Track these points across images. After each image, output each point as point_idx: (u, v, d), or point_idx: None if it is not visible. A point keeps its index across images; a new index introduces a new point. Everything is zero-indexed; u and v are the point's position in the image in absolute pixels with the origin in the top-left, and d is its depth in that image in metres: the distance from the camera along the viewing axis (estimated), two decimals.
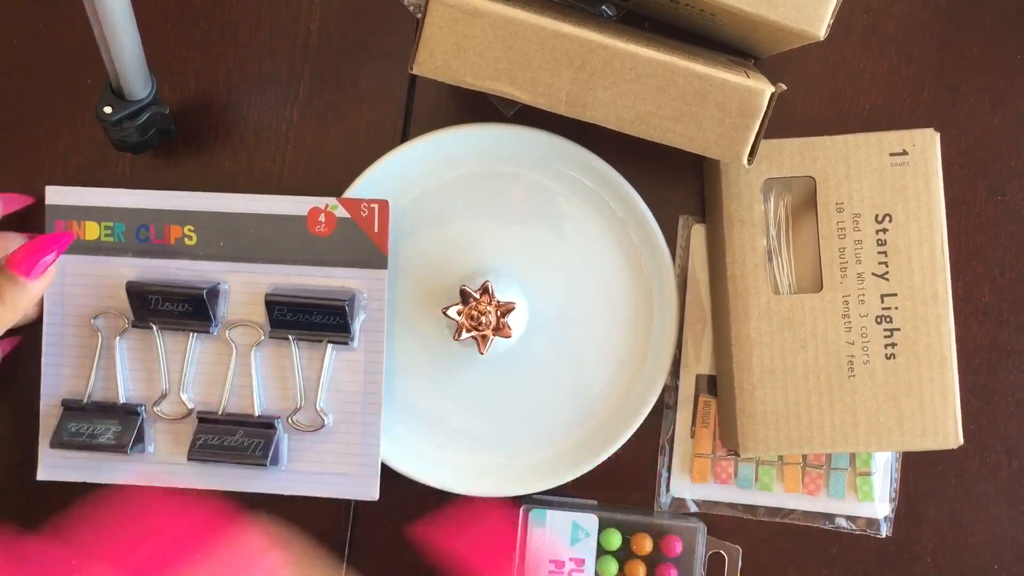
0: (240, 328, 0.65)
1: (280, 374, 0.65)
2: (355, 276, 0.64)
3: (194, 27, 0.69)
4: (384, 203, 0.64)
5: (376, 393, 0.65)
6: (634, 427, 0.65)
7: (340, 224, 0.64)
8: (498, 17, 0.54)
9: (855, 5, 0.69)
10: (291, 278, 0.65)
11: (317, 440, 0.65)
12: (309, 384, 0.65)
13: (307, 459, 0.65)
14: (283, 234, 0.64)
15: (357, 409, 0.65)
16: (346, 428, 0.65)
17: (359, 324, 0.65)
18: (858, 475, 0.67)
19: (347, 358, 0.65)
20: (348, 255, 0.64)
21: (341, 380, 0.65)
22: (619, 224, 0.67)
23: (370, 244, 0.64)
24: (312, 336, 0.64)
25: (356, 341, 0.65)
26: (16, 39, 0.69)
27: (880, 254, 0.62)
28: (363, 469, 0.65)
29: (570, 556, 0.67)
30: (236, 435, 0.64)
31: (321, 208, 0.64)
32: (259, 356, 0.65)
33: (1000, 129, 0.69)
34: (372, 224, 0.64)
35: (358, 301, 0.64)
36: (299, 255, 0.64)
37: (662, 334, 0.67)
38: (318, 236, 0.64)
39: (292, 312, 0.63)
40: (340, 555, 0.69)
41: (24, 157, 0.69)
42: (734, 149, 0.56)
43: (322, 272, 0.64)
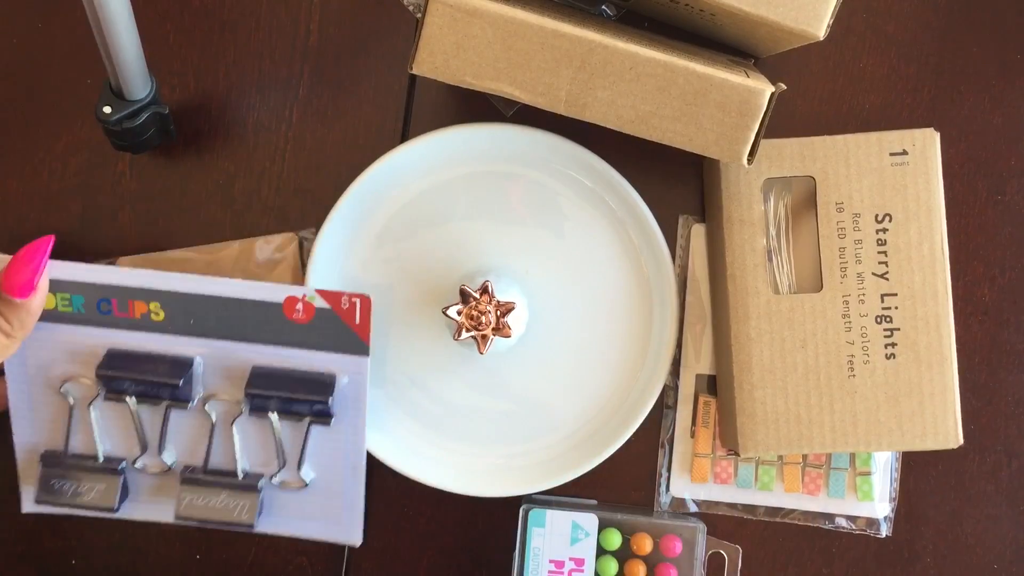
0: (219, 403, 0.62)
1: (263, 442, 0.63)
2: (336, 361, 0.61)
3: (194, 27, 0.69)
4: (366, 298, 0.60)
5: (358, 460, 0.63)
6: (634, 427, 0.65)
7: (319, 313, 0.61)
8: (498, 17, 0.54)
9: (855, 5, 0.69)
10: (269, 358, 0.61)
11: (301, 497, 0.63)
12: (292, 454, 0.63)
13: (290, 508, 0.64)
14: (258, 317, 0.61)
15: (341, 475, 0.63)
16: (329, 488, 0.63)
17: (340, 406, 0.62)
18: (858, 475, 0.67)
19: (328, 435, 0.63)
20: (328, 341, 0.61)
21: (323, 451, 0.63)
22: (619, 224, 0.67)
23: (351, 334, 0.61)
24: (293, 416, 0.62)
25: (338, 419, 0.62)
26: (16, 39, 0.69)
27: (880, 254, 0.62)
28: (347, 517, 0.64)
29: (570, 556, 0.67)
30: (221, 496, 0.62)
31: (298, 297, 0.60)
32: (239, 427, 0.62)
33: (1000, 129, 0.69)
34: (353, 316, 0.60)
35: (339, 386, 0.62)
36: (276, 337, 0.61)
37: (662, 334, 0.67)
38: (296, 322, 0.61)
39: (273, 389, 0.61)
40: (340, 555, 0.69)
41: (24, 157, 0.69)
42: (734, 149, 0.56)
43: (301, 354, 0.61)
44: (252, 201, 0.69)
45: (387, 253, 0.67)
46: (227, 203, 0.69)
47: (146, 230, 0.69)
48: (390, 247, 0.67)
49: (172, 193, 0.69)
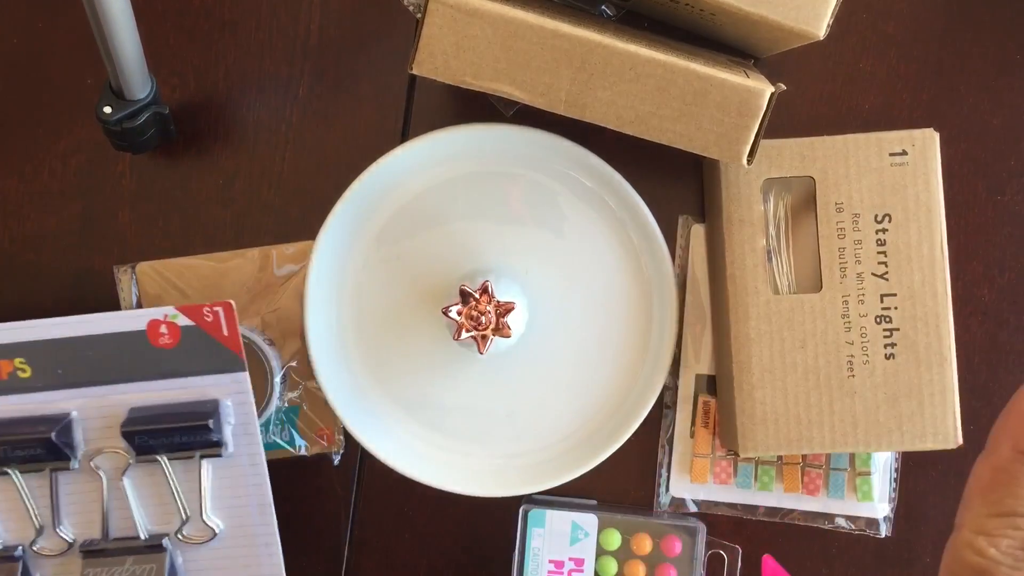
0: (105, 455, 0.60)
1: (158, 491, 0.60)
2: (214, 383, 0.59)
3: (194, 27, 0.69)
4: (227, 305, 0.59)
5: (263, 495, 0.61)
6: (634, 427, 0.65)
7: (185, 333, 0.59)
8: (498, 17, 0.54)
9: (855, 5, 0.69)
10: (145, 395, 0.59)
11: (212, 549, 0.61)
12: (191, 497, 0.60)
13: (206, 568, 0.61)
14: (125, 351, 0.59)
15: (248, 512, 0.61)
16: (241, 532, 0.61)
17: (230, 431, 0.60)
18: (858, 475, 0.67)
19: (225, 465, 0.60)
20: (201, 363, 0.59)
21: (223, 488, 0.61)
22: (619, 224, 0.67)
23: (222, 349, 0.59)
24: (183, 454, 0.60)
25: (230, 447, 0.60)
26: (16, 39, 0.69)
27: (880, 254, 0.62)
28: (266, 562, 0.61)
29: (570, 556, 0.67)
30: (126, 564, 0.59)
31: (160, 319, 0.59)
32: (131, 480, 0.60)
33: (1000, 129, 0.69)
34: (219, 328, 0.59)
35: (223, 408, 0.60)
36: (148, 370, 0.59)
37: (662, 334, 0.67)
38: (164, 348, 0.59)
39: (154, 437, 0.59)
40: (340, 555, 0.69)
41: (24, 157, 0.69)
42: (734, 149, 0.56)
43: (178, 384, 0.59)
44: (252, 201, 0.69)
45: (387, 253, 0.67)
46: (227, 203, 0.69)
47: (146, 230, 0.69)
48: (390, 247, 0.67)
49: (172, 193, 0.69)
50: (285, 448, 0.68)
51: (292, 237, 0.69)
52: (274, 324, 0.68)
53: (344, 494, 0.69)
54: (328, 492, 0.69)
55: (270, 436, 0.68)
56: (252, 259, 0.68)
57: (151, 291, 0.68)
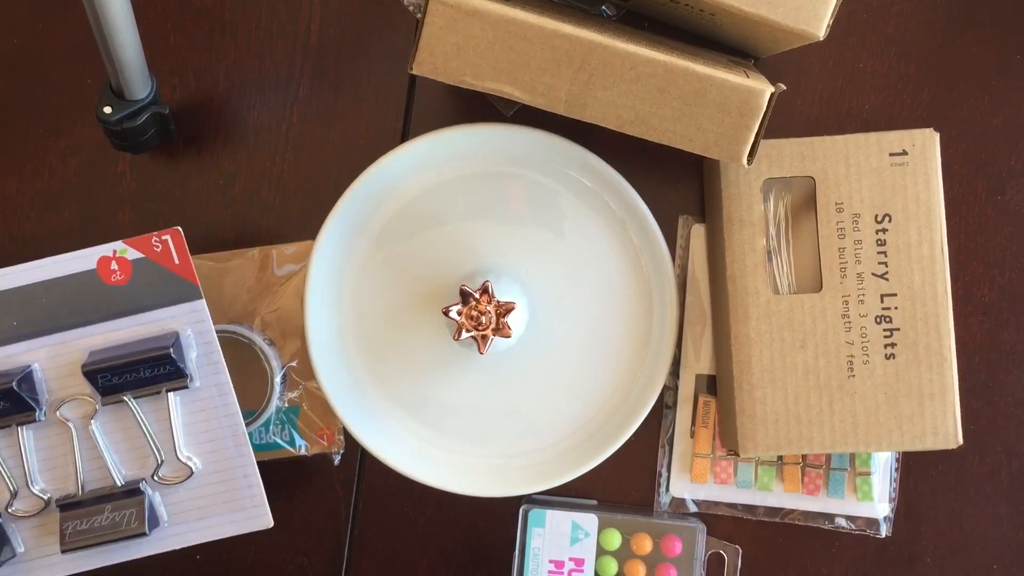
0: (70, 404, 0.60)
1: (129, 435, 0.60)
2: (172, 315, 0.59)
3: (194, 27, 0.69)
4: (175, 231, 0.58)
5: (235, 424, 0.60)
6: (634, 427, 0.65)
7: (136, 266, 0.58)
8: (498, 17, 0.54)
9: (855, 5, 0.69)
10: (104, 336, 0.59)
11: (191, 487, 0.60)
12: (163, 436, 0.60)
13: (187, 509, 0.61)
14: (79, 294, 0.58)
15: (222, 445, 0.60)
16: (217, 467, 0.60)
17: (193, 361, 0.60)
18: (858, 475, 0.67)
19: (193, 398, 0.60)
20: (156, 296, 0.59)
21: (195, 422, 0.60)
22: (619, 224, 0.67)
23: (175, 278, 0.59)
24: (148, 390, 0.59)
25: (196, 379, 0.60)
26: (16, 39, 0.69)
27: (880, 254, 0.62)
28: (248, 502, 0.61)
29: (570, 556, 0.67)
30: (104, 512, 0.59)
31: (110, 255, 0.58)
32: (100, 425, 0.60)
33: (1000, 129, 0.69)
34: (170, 257, 0.58)
35: (184, 339, 0.59)
36: (104, 310, 0.58)
37: (662, 334, 0.67)
38: (117, 285, 0.58)
39: (117, 375, 0.58)
40: (340, 555, 0.69)
41: (24, 157, 0.69)
42: (734, 149, 0.56)
43: (135, 321, 0.59)
44: (252, 201, 0.69)
45: (387, 253, 0.67)
46: (227, 203, 0.69)
47: (146, 230, 0.69)
48: (390, 247, 0.67)
49: (172, 193, 0.69)
50: (285, 448, 0.68)
51: (292, 237, 0.69)
52: (274, 324, 0.68)
53: (344, 494, 0.69)
54: (328, 492, 0.69)
55: (270, 436, 0.68)
56: (252, 259, 0.68)
57: None
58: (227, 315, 0.68)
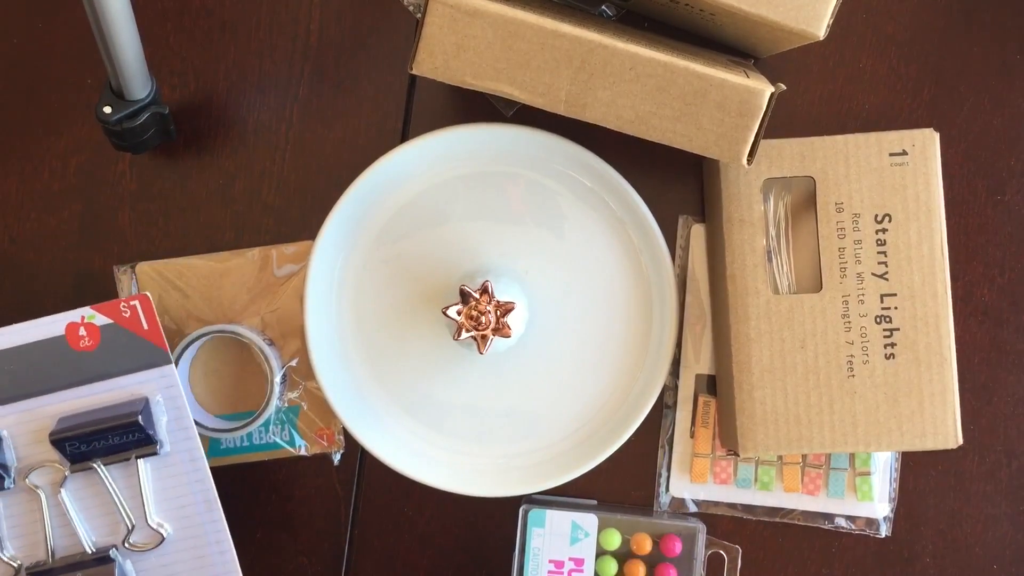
0: (39, 471, 0.59)
1: (100, 501, 0.59)
2: (142, 380, 0.58)
3: (194, 27, 0.69)
4: (144, 297, 0.58)
5: (207, 490, 0.60)
6: (634, 427, 0.65)
7: (104, 332, 0.58)
8: (498, 17, 0.54)
9: (855, 5, 0.69)
10: (73, 403, 0.58)
11: (163, 555, 0.60)
12: (134, 503, 0.59)
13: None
14: (47, 360, 0.58)
15: (193, 511, 0.60)
16: (189, 532, 0.60)
17: (164, 427, 0.59)
18: (858, 475, 0.67)
19: (164, 464, 0.59)
20: (126, 361, 0.58)
21: (166, 488, 0.59)
22: (619, 224, 0.67)
23: (144, 344, 0.58)
24: (118, 457, 0.58)
25: (166, 445, 0.60)
26: (16, 39, 0.69)
27: (880, 254, 0.62)
28: (221, 568, 0.60)
29: (570, 556, 0.67)
30: None
31: (78, 322, 0.58)
32: (70, 492, 0.59)
33: (1000, 129, 0.69)
34: (139, 323, 0.58)
35: (154, 405, 0.59)
36: (73, 376, 0.58)
37: (662, 334, 0.67)
38: (86, 351, 0.58)
39: (85, 442, 0.58)
40: (340, 555, 0.69)
41: (24, 157, 0.69)
42: (734, 149, 0.56)
43: (105, 387, 0.58)
44: (252, 201, 0.69)
45: (387, 253, 0.67)
46: (227, 203, 0.69)
47: (146, 230, 0.69)
48: (390, 247, 0.67)
49: (172, 193, 0.69)
50: (285, 448, 0.68)
51: (292, 237, 0.69)
52: (274, 324, 0.68)
53: (344, 494, 0.69)
54: (328, 492, 0.69)
55: (270, 436, 0.68)
56: (252, 259, 0.68)
57: (151, 291, 0.68)
58: (227, 315, 0.68)
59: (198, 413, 0.66)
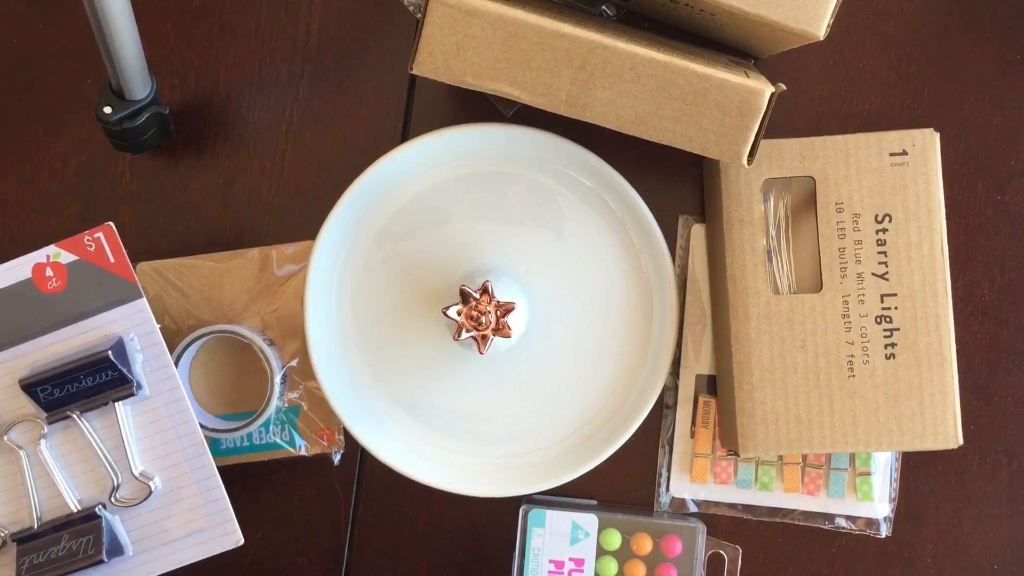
0: (17, 428, 0.57)
1: (82, 456, 0.57)
2: (114, 318, 0.56)
3: (194, 27, 0.69)
4: (108, 227, 0.56)
5: (193, 433, 0.57)
6: (634, 427, 0.65)
7: (71, 270, 0.56)
8: (498, 17, 0.54)
9: (855, 5, 0.69)
10: (46, 350, 0.56)
11: (153, 508, 0.58)
12: (117, 454, 0.57)
13: (151, 534, 0.57)
14: (17, 308, 0.56)
15: (181, 458, 0.57)
16: (178, 483, 0.57)
17: (140, 367, 0.57)
18: (858, 475, 0.67)
19: (144, 408, 0.57)
20: (95, 300, 0.56)
21: (149, 435, 0.57)
22: (619, 224, 0.67)
23: (112, 279, 0.56)
24: (94, 402, 0.56)
25: (145, 387, 0.57)
26: (16, 39, 0.69)
27: (880, 254, 0.62)
28: (215, 518, 0.58)
29: (570, 556, 0.67)
30: (61, 542, 0.56)
31: (44, 262, 0.56)
32: (50, 447, 0.57)
33: (1000, 129, 0.69)
34: (105, 256, 0.56)
35: (128, 343, 0.57)
36: (44, 323, 0.56)
37: (662, 334, 0.67)
38: (54, 293, 0.56)
39: (58, 387, 0.55)
40: (340, 555, 0.69)
41: (24, 157, 0.69)
42: (734, 149, 0.56)
43: (77, 329, 0.56)
44: (252, 201, 0.69)
45: (387, 253, 0.67)
46: (227, 203, 0.69)
47: (146, 230, 0.69)
48: (390, 247, 0.67)
49: (172, 193, 0.69)
50: (285, 448, 0.68)
51: (292, 237, 0.69)
52: (274, 324, 0.68)
53: (344, 494, 0.69)
54: (328, 492, 0.69)
55: (270, 436, 0.68)
56: (252, 259, 0.68)
57: (151, 291, 0.68)
58: (227, 315, 0.68)
59: (198, 413, 0.66)
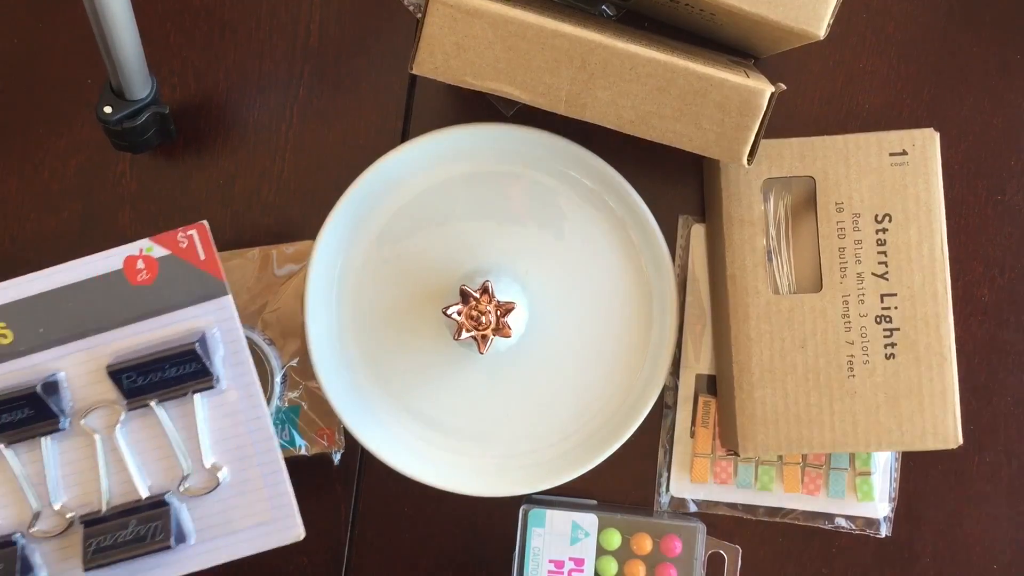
0: (95, 412, 0.58)
1: (155, 444, 0.58)
2: (198, 314, 0.58)
3: (194, 27, 0.69)
4: (201, 226, 0.57)
5: (264, 428, 0.59)
6: (634, 427, 0.65)
7: (162, 264, 0.58)
8: (498, 17, 0.54)
9: (855, 5, 0.69)
10: (131, 340, 0.58)
11: (219, 500, 0.59)
12: (190, 444, 0.59)
13: (215, 523, 0.59)
14: (105, 297, 0.57)
15: (251, 452, 0.59)
16: (245, 475, 0.59)
17: (220, 361, 0.59)
18: (858, 475, 0.67)
19: (220, 402, 0.58)
20: (183, 295, 0.58)
21: (222, 427, 0.59)
22: (619, 224, 0.67)
23: (201, 275, 0.58)
24: (174, 392, 0.57)
25: (223, 381, 0.59)
26: (16, 39, 0.69)
27: (880, 254, 0.62)
28: (278, 512, 0.59)
29: (570, 556, 0.67)
30: (129, 527, 0.57)
31: (136, 254, 0.58)
32: (125, 433, 0.58)
33: (1000, 129, 0.69)
34: (195, 253, 0.58)
35: (210, 338, 0.58)
36: (131, 313, 0.58)
37: (662, 334, 0.67)
38: (143, 285, 0.57)
39: (142, 375, 0.57)
40: (340, 555, 0.69)
41: (24, 157, 0.69)
42: (734, 149, 0.56)
43: (162, 322, 0.58)
44: (252, 201, 0.69)
45: (387, 253, 0.67)
46: (227, 203, 0.69)
47: (146, 230, 0.69)
48: (390, 247, 0.67)
49: (172, 193, 0.69)
50: (285, 448, 0.68)
51: (292, 237, 0.69)
52: (274, 324, 0.68)
53: (344, 494, 0.69)
54: (328, 492, 0.69)
55: None
56: (252, 259, 0.68)
57: None
58: None
59: None
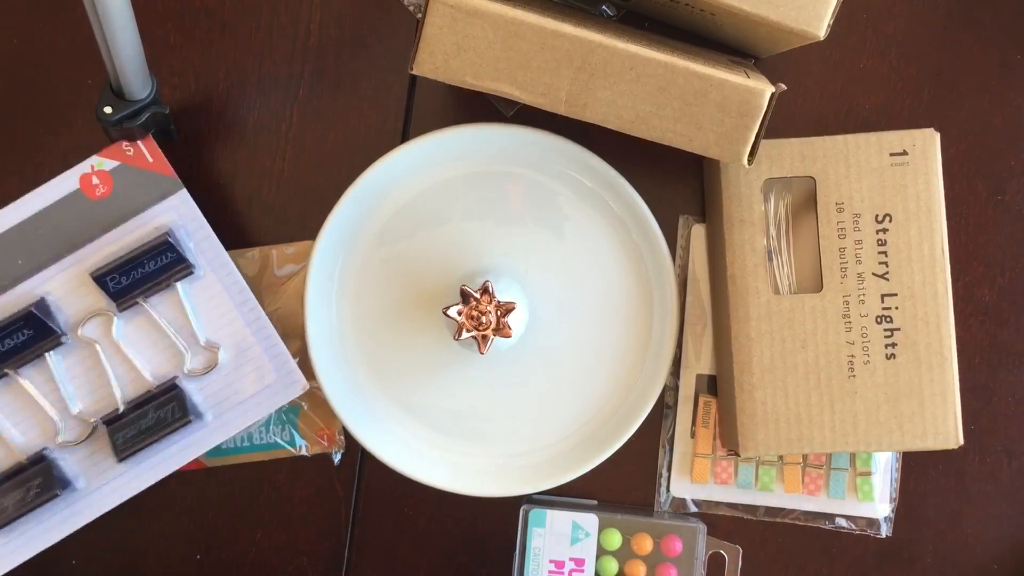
0: (90, 322, 0.63)
1: (153, 338, 0.63)
2: (160, 211, 0.63)
3: (194, 27, 0.69)
4: (142, 132, 0.62)
5: (247, 300, 0.64)
6: (634, 427, 0.65)
7: (115, 175, 0.63)
8: (498, 17, 0.54)
9: (855, 5, 0.69)
10: (105, 250, 0.63)
11: (222, 375, 0.64)
12: (184, 330, 0.63)
13: (225, 396, 0.64)
14: (72, 217, 0.62)
15: (241, 324, 0.64)
16: (241, 347, 0.64)
17: (192, 250, 0.63)
18: (858, 475, 0.67)
19: (202, 286, 0.63)
20: (141, 198, 0.63)
21: (209, 309, 0.64)
22: (619, 224, 0.67)
23: (154, 176, 0.63)
24: (158, 285, 0.62)
25: (199, 267, 0.63)
26: (16, 39, 0.69)
27: (880, 254, 0.62)
28: (281, 371, 0.64)
29: (570, 556, 0.67)
30: (148, 415, 0.62)
31: (89, 172, 0.62)
32: (122, 335, 0.63)
33: (1000, 129, 0.69)
34: (143, 158, 0.63)
35: (178, 230, 0.63)
36: (98, 226, 0.63)
37: (662, 334, 0.67)
38: (103, 199, 0.62)
39: (125, 274, 0.62)
40: (340, 555, 0.69)
41: (24, 157, 0.69)
42: (734, 149, 0.56)
43: (129, 227, 0.63)
44: (252, 201, 0.69)
45: (387, 253, 0.67)
46: (227, 203, 0.69)
47: None
48: (390, 247, 0.67)
49: None
50: (285, 448, 0.68)
51: (292, 237, 0.69)
52: (274, 324, 0.68)
53: (344, 494, 0.69)
54: (328, 492, 0.69)
55: (270, 436, 0.68)
56: (252, 259, 0.68)
57: None
58: None
59: None
